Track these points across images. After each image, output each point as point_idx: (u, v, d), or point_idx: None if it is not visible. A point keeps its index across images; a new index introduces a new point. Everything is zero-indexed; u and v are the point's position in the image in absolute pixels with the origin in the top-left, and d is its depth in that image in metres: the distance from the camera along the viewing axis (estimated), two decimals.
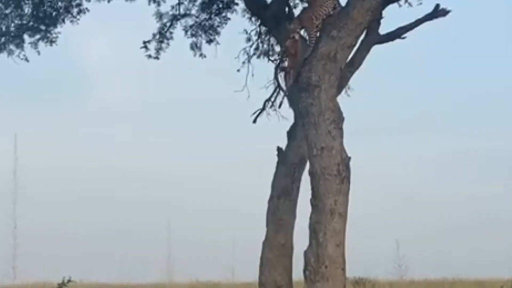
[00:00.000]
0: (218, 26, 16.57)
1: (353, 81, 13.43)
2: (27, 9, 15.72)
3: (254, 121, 15.17)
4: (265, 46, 16.60)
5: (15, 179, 33.56)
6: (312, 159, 11.05)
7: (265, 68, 16.08)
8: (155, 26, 16.29)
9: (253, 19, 16.23)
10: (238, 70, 16.26)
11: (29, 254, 32.08)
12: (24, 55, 15.90)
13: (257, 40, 16.55)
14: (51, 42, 15.96)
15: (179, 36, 16.51)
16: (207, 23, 16.55)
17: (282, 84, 14.78)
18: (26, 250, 31.99)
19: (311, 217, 10.92)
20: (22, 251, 32.23)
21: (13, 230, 32.69)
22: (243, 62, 16.32)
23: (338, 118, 11.11)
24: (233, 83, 15.94)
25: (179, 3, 16.32)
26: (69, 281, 16.35)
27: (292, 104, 13.70)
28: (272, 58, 16.47)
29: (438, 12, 12.90)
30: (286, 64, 13.35)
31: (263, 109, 15.34)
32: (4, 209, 32.53)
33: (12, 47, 15.78)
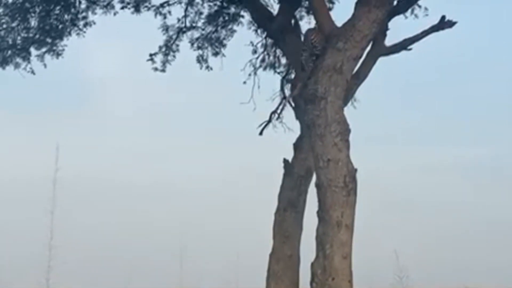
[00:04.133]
0: (224, 38, 16.60)
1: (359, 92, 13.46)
2: (33, 22, 15.75)
3: (261, 133, 15.16)
4: (271, 58, 16.63)
5: (54, 190, 33.75)
6: (318, 171, 11.01)
7: (271, 80, 16.10)
8: (161, 38, 16.33)
9: (259, 31, 16.26)
10: (244, 82, 16.30)
11: (63, 265, 32.30)
12: (30, 68, 15.91)
13: (263, 52, 16.57)
14: (58, 54, 15.98)
15: (185, 48, 16.54)
16: (213, 36, 16.57)
17: (288, 95, 14.81)
18: (60, 261, 32.22)
19: (317, 229, 10.86)
20: (56, 263, 32.47)
21: (49, 241, 32.86)
22: (249, 74, 16.36)
23: (345, 130, 11.06)
24: (239, 95, 15.95)
25: (185, 16, 16.35)
26: None
27: (298, 116, 13.70)
28: (278, 70, 16.52)
29: (444, 24, 12.92)
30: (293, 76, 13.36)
31: (269, 121, 15.35)
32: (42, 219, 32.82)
33: (18, 60, 15.79)
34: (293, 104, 14.22)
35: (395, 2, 12.63)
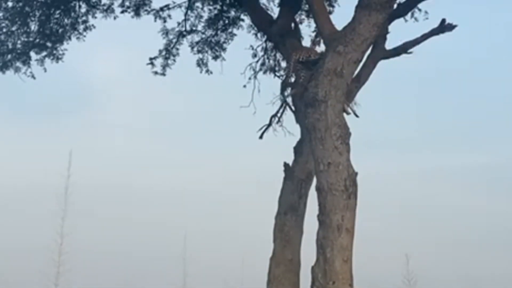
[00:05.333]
0: (224, 42, 16.59)
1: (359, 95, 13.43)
2: (33, 26, 15.75)
3: (261, 137, 15.12)
4: (271, 61, 16.60)
5: (66, 196, 33.83)
6: (319, 175, 10.99)
7: (271, 84, 16.06)
8: (161, 42, 16.32)
9: (259, 35, 16.25)
10: (245, 86, 16.25)
11: (72, 271, 32.44)
12: (30, 72, 15.88)
13: (263, 55, 16.55)
14: (57, 59, 15.97)
15: (186, 52, 16.53)
16: (213, 39, 16.57)
17: (289, 99, 14.78)
18: (69, 267, 32.35)
19: (318, 233, 10.85)
20: (66, 268, 32.57)
21: (59, 247, 32.95)
22: (249, 78, 16.30)
23: (345, 134, 11.05)
24: (239, 99, 15.92)
25: (185, 20, 16.35)
26: None
27: (298, 120, 13.67)
28: (278, 74, 16.48)
29: (444, 27, 12.90)
30: (292, 80, 13.35)
31: (269, 124, 15.30)
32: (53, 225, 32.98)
33: (18, 64, 15.77)
34: (293, 108, 14.20)
35: (395, 6, 12.62)
